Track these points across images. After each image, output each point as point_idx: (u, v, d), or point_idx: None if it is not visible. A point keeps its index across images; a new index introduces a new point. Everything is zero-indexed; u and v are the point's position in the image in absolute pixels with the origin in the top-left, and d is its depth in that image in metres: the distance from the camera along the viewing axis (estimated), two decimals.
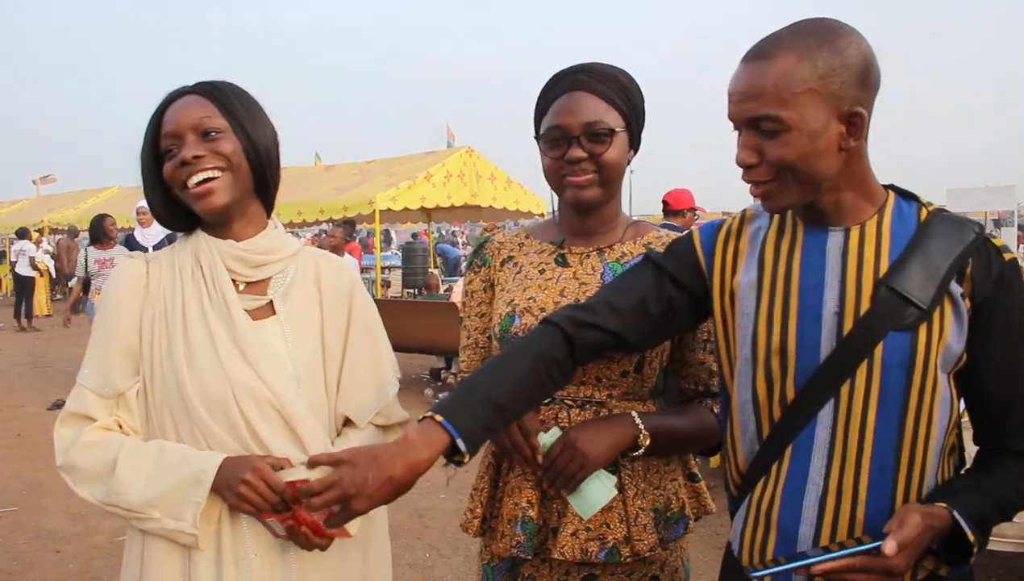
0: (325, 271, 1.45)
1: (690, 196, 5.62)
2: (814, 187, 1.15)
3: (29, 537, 4.18)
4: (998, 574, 3.52)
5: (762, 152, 1.13)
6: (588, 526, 1.43)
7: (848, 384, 1.15)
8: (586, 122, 1.43)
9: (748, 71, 1.13)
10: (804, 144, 1.10)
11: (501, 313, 1.53)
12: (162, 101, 1.37)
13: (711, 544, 3.91)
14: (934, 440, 1.15)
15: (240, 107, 1.36)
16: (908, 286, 1.13)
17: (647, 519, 1.44)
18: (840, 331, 1.16)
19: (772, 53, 1.11)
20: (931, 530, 1.07)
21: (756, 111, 1.11)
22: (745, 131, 1.14)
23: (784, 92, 1.09)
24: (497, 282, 1.61)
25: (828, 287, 1.18)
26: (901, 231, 1.17)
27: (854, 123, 1.12)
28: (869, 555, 1.05)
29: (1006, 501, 1.15)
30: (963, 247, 1.14)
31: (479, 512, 1.53)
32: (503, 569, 1.56)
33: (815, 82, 1.09)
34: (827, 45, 1.10)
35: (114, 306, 1.37)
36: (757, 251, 1.27)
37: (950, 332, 1.13)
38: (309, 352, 1.38)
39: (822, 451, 1.17)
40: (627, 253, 1.52)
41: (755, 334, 1.22)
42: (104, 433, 1.34)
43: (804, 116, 1.09)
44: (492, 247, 1.65)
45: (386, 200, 9.92)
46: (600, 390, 1.46)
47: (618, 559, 1.42)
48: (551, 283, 1.52)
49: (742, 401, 1.26)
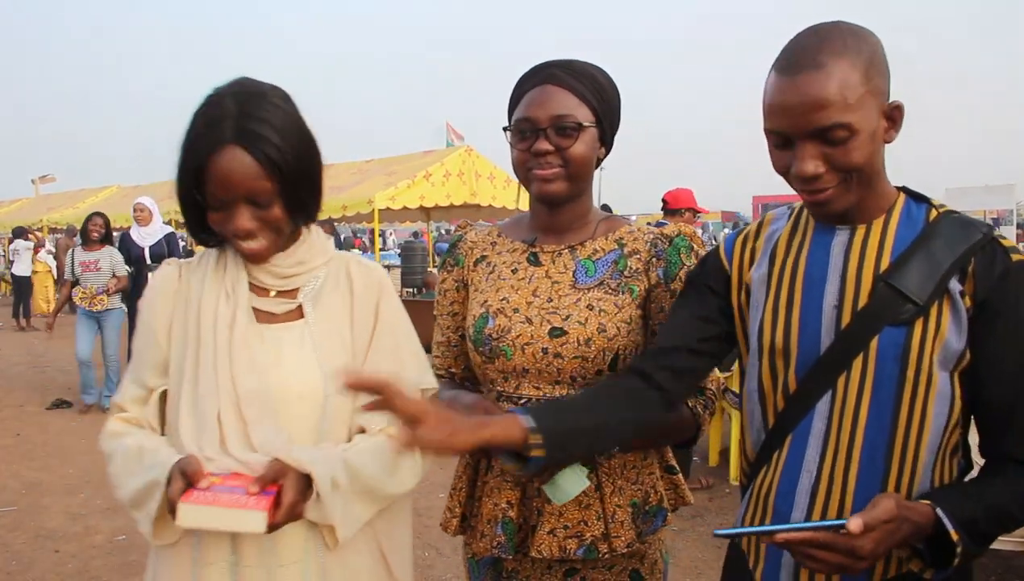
0: (356, 274, 1.44)
1: (689, 196, 5.59)
2: (869, 187, 1.17)
3: (28, 537, 4.17)
4: (998, 573, 3.53)
5: (828, 160, 1.13)
6: (566, 524, 1.44)
7: (844, 376, 1.18)
8: (554, 115, 1.42)
9: (804, 82, 1.10)
10: (868, 146, 1.12)
11: (475, 314, 1.53)
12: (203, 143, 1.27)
13: (711, 543, 3.91)
14: (928, 436, 1.15)
15: (287, 155, 1.29)
16: (906, 283, 1.14)
17: (624, 516, 1.46)
18: (839, 324, 1.19)
19: (826, 62, 1.10)
20: (908, 523, 1.05)
21: (824, 121, 1.10)
22: (806, 142, 1.13)
23: (850, 98, 1.09)
24: (471, 282, 1.61)
25: (829, 282, 1.21)
26: (908, 230, 1.19)
27: (893, 117, 1.16)
28: (835, 533, 1.03)
29: (1003, 511, 1.12)
30: (967, 246, 1.15)
31: (458, 511, 1.55)
32: (487, 564, 1.57)
33: (867, 84, 1.11)
34: (864, 46, 1.12)
35: (148, 309, 1.42)
36: (770, 249, 1.30)
37: (948, 329, 1.13)
38: (337, 356, 1.38)
39: (818, 440, 1.20)
40: (599, 249, 1.52)
41: (761, 326, 1.26)
42: (124, 425, 1.39)
43: (866, 118, 1.11)
44: (465, 246, 1.65)
45: (385, 199, 9.91)
46: (576, 388, 1.46)
47: (596, 556, 1.44)
48: (524, 283, 1.52)
49: (749, 391, 1.30)
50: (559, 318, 1.46)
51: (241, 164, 1.26)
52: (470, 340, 1.54)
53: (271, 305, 1.39)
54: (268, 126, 1.27)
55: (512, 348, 1.47)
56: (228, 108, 1.28)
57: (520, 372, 1.48)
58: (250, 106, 1.28)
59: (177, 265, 1.46)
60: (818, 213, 1.21)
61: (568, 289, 1.49)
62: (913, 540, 1.07)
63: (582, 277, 1.50)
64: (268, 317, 1.39)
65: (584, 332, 1.43)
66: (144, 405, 1.41)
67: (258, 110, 1.28)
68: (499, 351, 1.48)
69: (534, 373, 1.47)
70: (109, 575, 3.71)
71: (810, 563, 1.06)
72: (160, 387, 1.40)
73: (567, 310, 1.46)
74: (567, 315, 1.46)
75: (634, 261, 1.51)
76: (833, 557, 1.03)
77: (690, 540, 3.98)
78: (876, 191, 1.19)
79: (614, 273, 1.50)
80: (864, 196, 1.18)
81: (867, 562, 1.03)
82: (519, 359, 1.47)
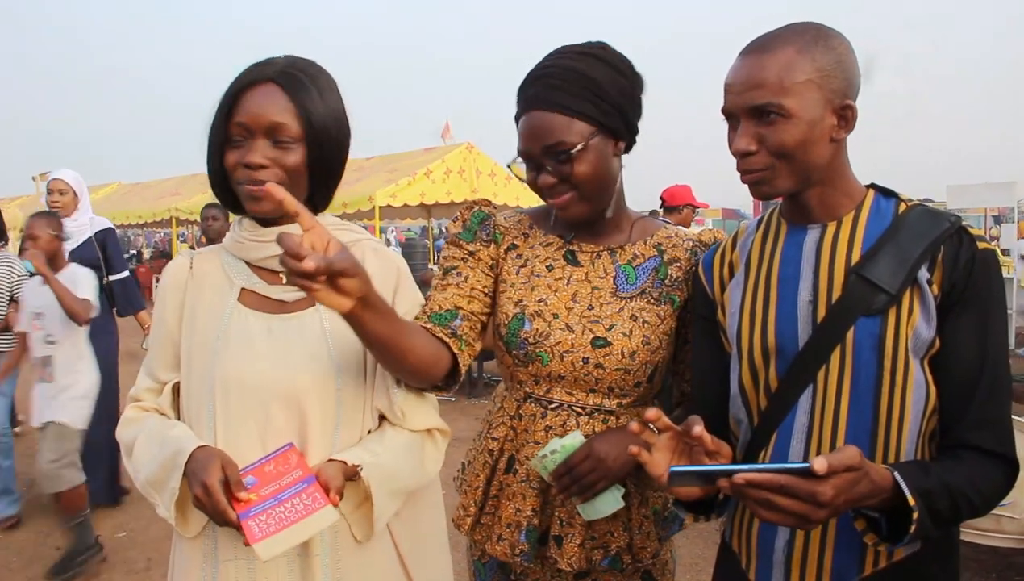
0: (371, 262, 1.41)
1: (687, 192, 5.58)
2: (806, 176, 1.20)
3: (29, 533, 4.18)
4: (997, 570, 3.53)
5: (761, 140, 1.17)
6: (592, 535, 1.42)
7: (824, 370, 1.19)
8: (545, 146, 1.35)
9: (749, 63, 1.17)
10: (803, 132, 1.16)
11: (508, 313, 1.46)
12: (244, 77, 1.29)
13: (710, 540, 3.92)
14: (908, 424, 1.16)
15: (321, 112, 1.29)
16: (878, 273, 1.16)
17: (650, 526, 1.45)
18: (815, 319, 1.20)
19: (773, 46, 1.16)
20: (867, 480, 1.01)
21: (759, 99, 1.15)
22: (745, 120, 1.18)
23: (786, 81, 1.14)
24: (501, 270, 1.51)
25: (803, 278, 1.23)
26: (877, 225, 1.21)
27: (845, 116, 1.18)
28: (797, 476, 0.97)
29: (959, 492, 1.09)
30: (936, 235, 1.17)
31: (472, 510, 1.51)
32: (494, 567, 1.55)
33: (814, 74, 1.15)
34: (823, 42, 1.17)
35: (160, 303, 1.42)
36: (745, 257, 1.33)
37: (918, 317, 1.15)
38: (350, 343, 1.34)
39: (801, 435, 1.21)
40: (638, 255, 1.48)
41: (739, 328, 1.28)
42: (139, 413, 1.39)
43: (804, 105, 1.15)
44: (499, 228, 1.54)
45: (385, 196, 9.90)
46: (611, 399, 1.44)
47: (620, 567, 1.43)
48: (562, 285, 1.46)
49: (733, 394, 1.30)
50: (602, 328, 1.42)
51: (272, 97, 1.27)
52: (501, 340, 1.47)
53: (282, 292, 1.37)
54: (311, 81, 1.30)
55: (550, 355, 1.42)
56: (277, 60, 1.32)
57: (555, 378, 1.44)
58: (300, 64, 1.32)
59: (188, 256, 1.44)
60: (754, 194, 1.23)
61: (609, 297, 1.45)
62: (869, 501, 1.04)
63: (623, 284, 1.46)
64: (279, 305, 1.36)
65: (628, 344, 1.40)
66: (158, 395, 1.41)
67: (308, 67, 1.32)
68: (535, 356, 1.43)
69: (570, 380, 1.43)
70: (109, 572, 3.71)
71: (766, 512, 1.00)
72: (172, 380, 1.39)
73: (610, 319, 1.42)
74: (611, 325, 1.42)
75: (674, 269, 1.48)
76: (792, 504, 0.97)
77: (690, 537, 3.98)
78: (839, 189, 1.23)
79: (655, 282, 1.46)
80: (823, 192, 1.22)
81: (826, 512, 0.98)
82: (556, 366, 1.43)
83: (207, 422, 1.31)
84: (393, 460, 1.32)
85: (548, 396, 1.45)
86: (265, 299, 1.36)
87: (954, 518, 1.11)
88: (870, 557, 1.18)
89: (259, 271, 1.39)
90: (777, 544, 1.24)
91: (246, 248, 1.37)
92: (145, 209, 14.00)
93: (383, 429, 1.39)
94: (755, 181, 1.21)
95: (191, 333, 1.36)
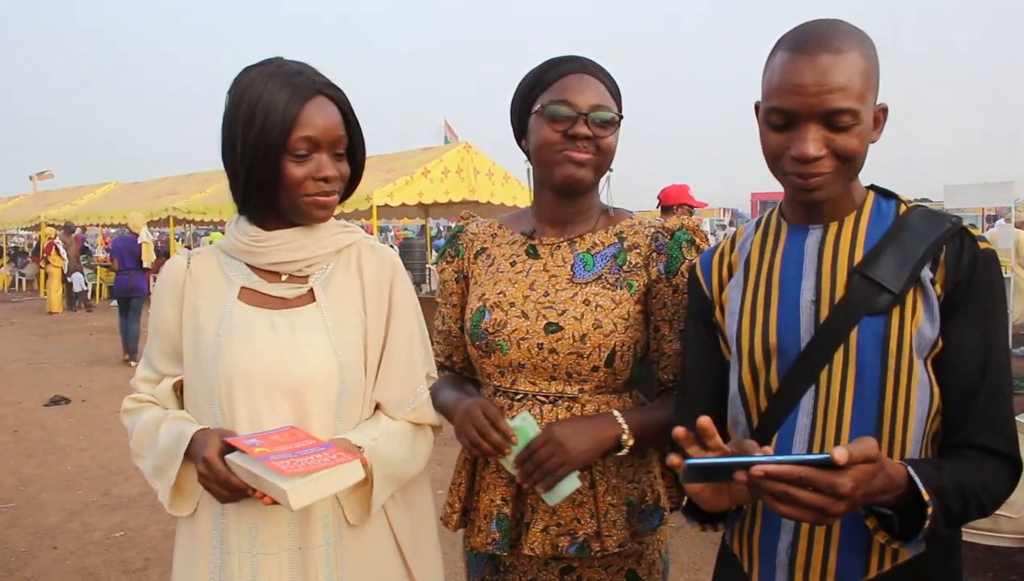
0: (367, 258, 1.45)
1: (684, 191, 5.57)
2: (851, 180, 1.20)
3: (26, 533, 4.17)
4: (995, 569, 3.54)
5: (829, 145, 1.14)
6: (559, 521, 1.44)
7: (827, 370, 1.18)
8: (595, 104, 1.44)
9: (823, 63, 1.11)
10: (865, 137, 1.15)
11: (472, 308, 1.53)
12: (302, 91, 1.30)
13: (709, 540, 3.92)
14: (913, 424, 1.15)
15: (359, 128, 1.40)
16: (881, 273, 1.16)
17: (618, 515, 1.45)
18: (817, 319, 1.19)
19: (843, 48, 1.12)
20: (883, 473, 0.99)
21: (838, 103, 1.11)
22: (814, 124, 1.13)
23: (861, 87, 1.12)
24: (471, 274, 1.61)
25: (805, 278, 1.22)
26: (878, 225, 1.21)
27: (878, 118, 1.19)
28: (816, 468, 0.94)
29: (970, 491, 1.09)
30: (938, 235, 1.17)
31: (457, 506, 1.55)
32: (484, 558, 1.58)
33: (872, 79, 1.15)
34: (869, 43, 1.16)
35: (156, 301, 1.45)
36: (744, 258, 1.32)
37: (922, 316, 1.15)
38: (351, 337, 1.39)
39: (803, 436, 1.19)
40: (598, 243, 1.52)
41: (739, 329, 1.27)
42: (136, 403, 1.44)
43: (867, 111, 1.14)
44: (466, 238, 1.65)
45: (383, 196, 9.90)
46: (572, 385, 1.46)
47: (588, 553, 1.43)
48: (521, 276, 1.52)
49: (731, 395, 1.29)
50: (555, 313, 1.45)
51: (331, 112, 1.34)
52: (467, 334, 1.54)
53: (282, 290, 1.40)
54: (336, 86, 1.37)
55: (508, 343, 1.47)
56: (294, 65, 1.35)
57: (516, 367, 1.48)
58: (312, 68, 1.37)
59: (186, 255, 1.47)
60: (805, 199, 1.20)
61: (565, 283, 1.49)
62: (884, 496, 1.03)
63: (580, 271, 1.49)
64: (279, 302, 1.39)
65: (579, 328, 1.43)
66: (156, 386, 1.44)
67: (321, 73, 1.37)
68: (495, 346, 1.48)
69: (530, 368, 1.46)
70: (107, 571, 3.71)
71: (783, 507, 0.97)
72: (173, 375, 1.42)
73: (563, 305, 1.46)
74: (563, 310, 1.45)
75: (633, 255, 1.50)
76: (811, 497, 0.95)
77: (688, 537, 3.98)
78: (848, 189, 1.22)
79: (613, 267, 1.49)
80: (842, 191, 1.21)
81: (844, 506, 0.96)
82: (515, 354, 1.47)
83: (212, 416, 1.34)
84: (389, 446, 1.37)
85: (514, 388, 1.49)
86: (265, 296, 1.39)
87: (964, 517, 1.11)
88: (875, 559, 1.17)
89: (258, 271, 1.42)
90: (780, 547, 1.23)
91: (250, 253, 1.40)
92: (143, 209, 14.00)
93: (378, 417, 1.42)
94: (814, 186, 1.16)
95: (193, 330, 1.38)
